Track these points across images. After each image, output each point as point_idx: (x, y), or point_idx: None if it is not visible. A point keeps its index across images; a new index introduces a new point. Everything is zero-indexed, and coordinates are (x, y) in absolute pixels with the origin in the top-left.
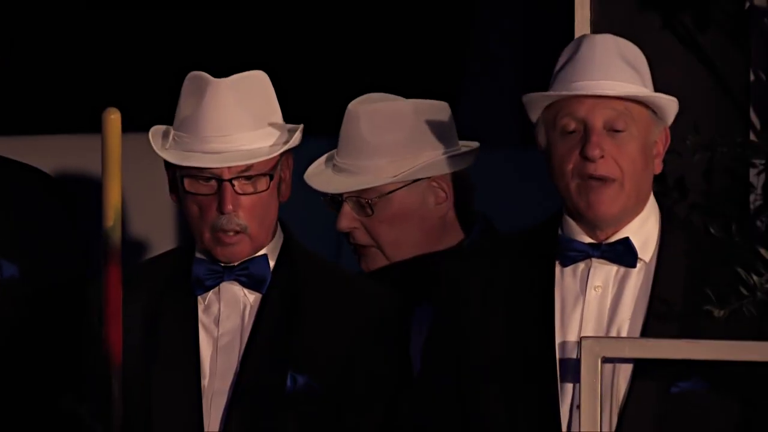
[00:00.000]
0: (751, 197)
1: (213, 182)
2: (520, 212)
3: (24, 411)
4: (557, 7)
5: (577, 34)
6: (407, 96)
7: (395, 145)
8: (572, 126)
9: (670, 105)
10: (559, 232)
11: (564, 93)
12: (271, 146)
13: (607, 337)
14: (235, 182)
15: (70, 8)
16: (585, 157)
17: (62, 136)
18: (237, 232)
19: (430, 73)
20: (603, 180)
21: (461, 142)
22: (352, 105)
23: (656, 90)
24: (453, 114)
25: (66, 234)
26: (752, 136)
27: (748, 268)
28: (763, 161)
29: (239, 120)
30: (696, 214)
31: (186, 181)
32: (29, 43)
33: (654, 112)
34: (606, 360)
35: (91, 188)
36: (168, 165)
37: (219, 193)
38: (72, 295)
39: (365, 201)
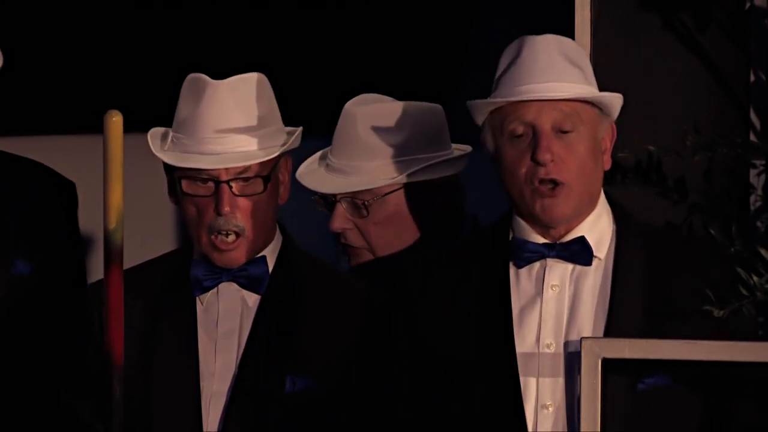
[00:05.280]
0: (751, 198)
1: (210, 184)
2: None
3: (22, 409)
4: (557, 7)
5: (577, 34)
6: (405, 98)
7: (392, 147)
8: (520, 130)
9: (615, 101)
10: (511, 234)
11: (511, 99)
12: (269, 148)
13: (606, 337)
14: (233, 184)
15: (70, 8)
16: (536, 162)
17: (63, 137)
18: (235, 236)
19: (429, 74)
20: (554, 184)
21: (454, 146)
22: (349, 105)
23: (653, 89)
24: (451, 115)
25: (73, 230)
26: (752, 137)
27: (748, 268)
28: (763, 162)
29: (237, 121)
30: (696, 214)
31: (184, 183)
32: (30, 43)
33: (600, 109)
34: (606, 360)
35: (92, 189)
36: (166, 167)
37: (216, 195)
38: (67, 294)
39: (361, 202)
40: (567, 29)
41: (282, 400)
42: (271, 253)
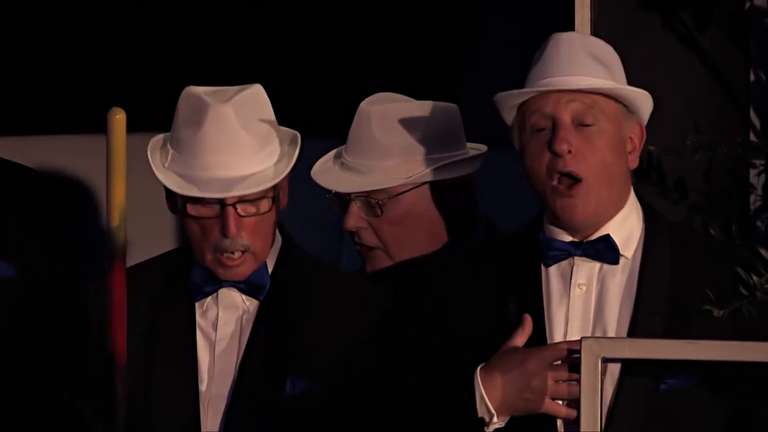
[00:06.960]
0: (751, 198)
1: (216, 206)
2: (524, 214)
3: (22, 410)
4: (557, 7)
5: None
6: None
7: (406, 147)
8: (541, 123)
9: (639, 97)
10: (541, 232)
11: (527, 90)
12: (276, 165)
13: (606, 337)
14: (238, 206)
15: (71, 8)
16: (554, 153)
17: (62, 137)
18: (241, 253)
19: (430, 75)
20: (572, 179)
21: (469, 145)
22: (364, 104)
23: (653, 89)
24: None
25: (58, 233)
26: (752, 136)
27: (748, 268)
28: (763, 161)
29: (240, 144)
30: (696, 214)
31: (188, 206)
32: (31, 43)
33: (626, 106)
34: (606, 360)
35: (90, 188)
36: None
37: (222, 217)
38: (66, 295)
39: (375, 201)
40: (567, 29)
41: (282, 402)
42: (270, 256)
